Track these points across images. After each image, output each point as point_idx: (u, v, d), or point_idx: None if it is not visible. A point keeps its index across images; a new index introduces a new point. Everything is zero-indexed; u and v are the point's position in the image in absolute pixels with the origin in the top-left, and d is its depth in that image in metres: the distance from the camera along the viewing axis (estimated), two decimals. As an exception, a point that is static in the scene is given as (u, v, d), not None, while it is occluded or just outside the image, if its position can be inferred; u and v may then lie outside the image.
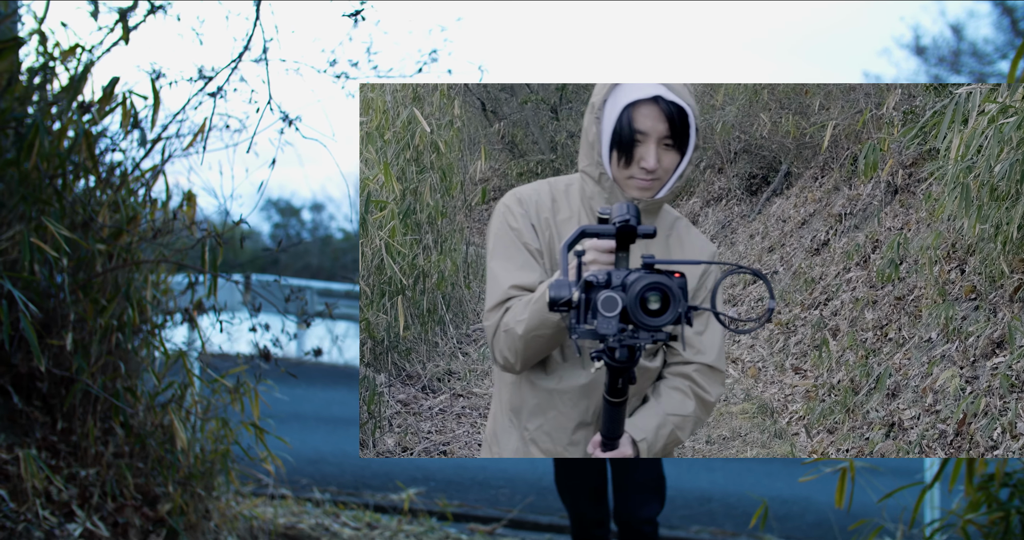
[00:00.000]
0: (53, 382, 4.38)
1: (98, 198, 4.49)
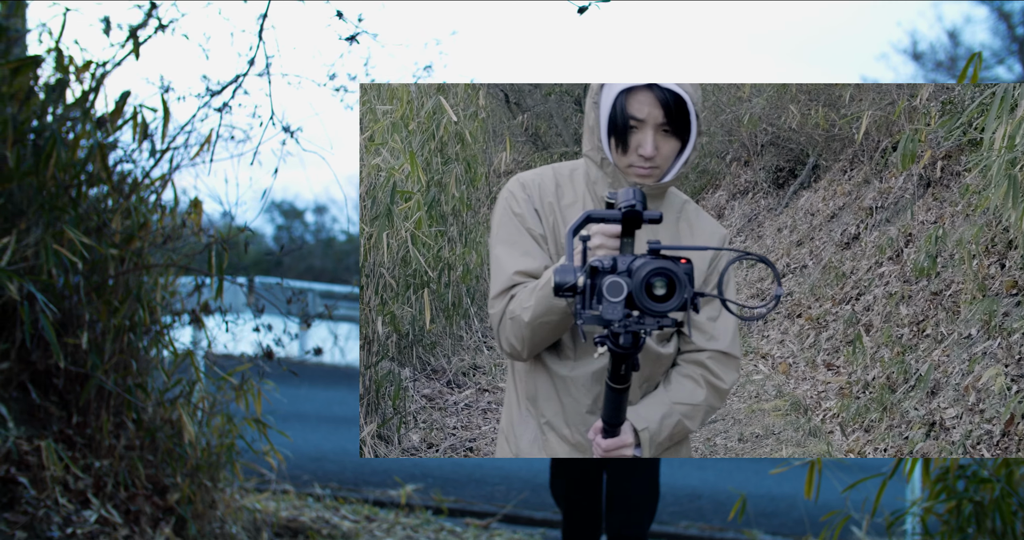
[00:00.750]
0: (68, 379, 4.57)
1: (110, 206, 4.76)
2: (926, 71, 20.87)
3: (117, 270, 4.64)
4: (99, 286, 4.59)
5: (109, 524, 4.24)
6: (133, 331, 4.74)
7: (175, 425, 4.78)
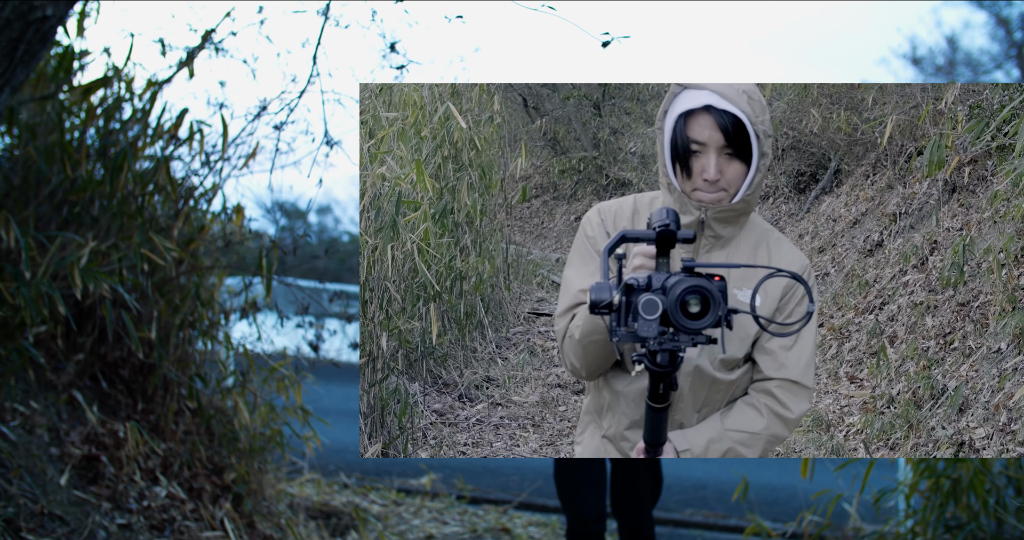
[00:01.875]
0: (133, 370, 5.14)
1: (171, 212, 5.30)
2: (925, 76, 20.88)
3: (177, 271, 5.19)
4: (161, 286, 5.10)
5: (177, 499, 4.73)
6: (193, 327, 5.36)
7: (227, 413, 5.40)
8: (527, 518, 6.99)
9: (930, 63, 22.32)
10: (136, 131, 5.26)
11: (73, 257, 4.41)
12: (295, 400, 5.49)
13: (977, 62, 21.12)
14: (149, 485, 4.66)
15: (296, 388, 5.52)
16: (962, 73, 20.75)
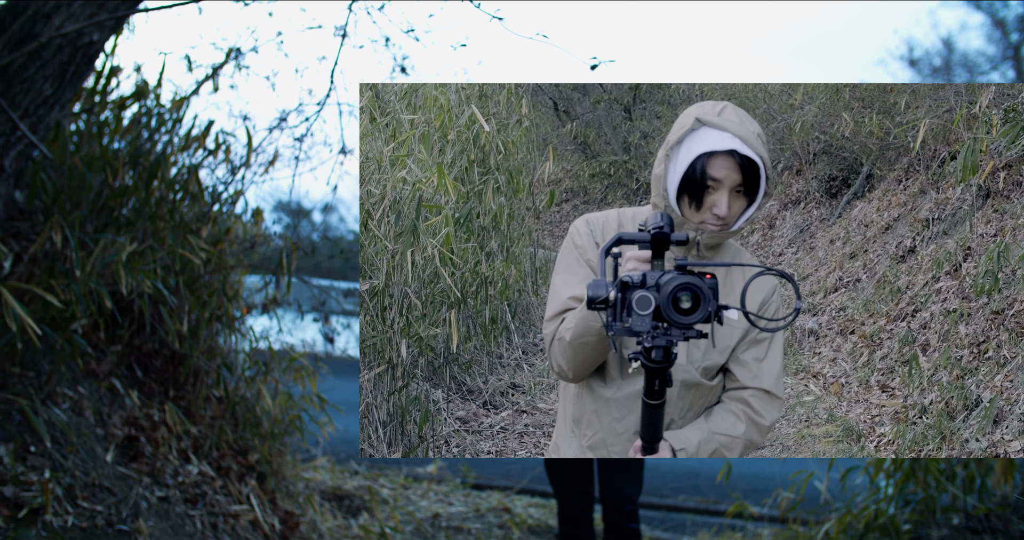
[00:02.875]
0: (164, 360, 5.64)
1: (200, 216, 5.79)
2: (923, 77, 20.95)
3: (205, 270, 5.68)
4: (191, 283, 5.60)
5: (207, 477, 5.24)
6: (219, 321, 5.91)
7: (250, 400, 5.94)
8: (527, 501, 7.63)
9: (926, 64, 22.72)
10: (166, 141, 5.79)
11: (117, 257, 4.82)
12: (311, 389, 6.09)
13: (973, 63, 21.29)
14: (182, 464, 5.19)
15: (312, 378, 6.12)
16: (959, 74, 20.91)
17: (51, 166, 5.03)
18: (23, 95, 4.56)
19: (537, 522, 7.23)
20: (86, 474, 4.43)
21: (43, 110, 4.66)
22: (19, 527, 3.84)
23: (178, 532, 4.71)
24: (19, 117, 4.50)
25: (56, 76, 4.60)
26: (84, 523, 4.18)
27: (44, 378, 4.73)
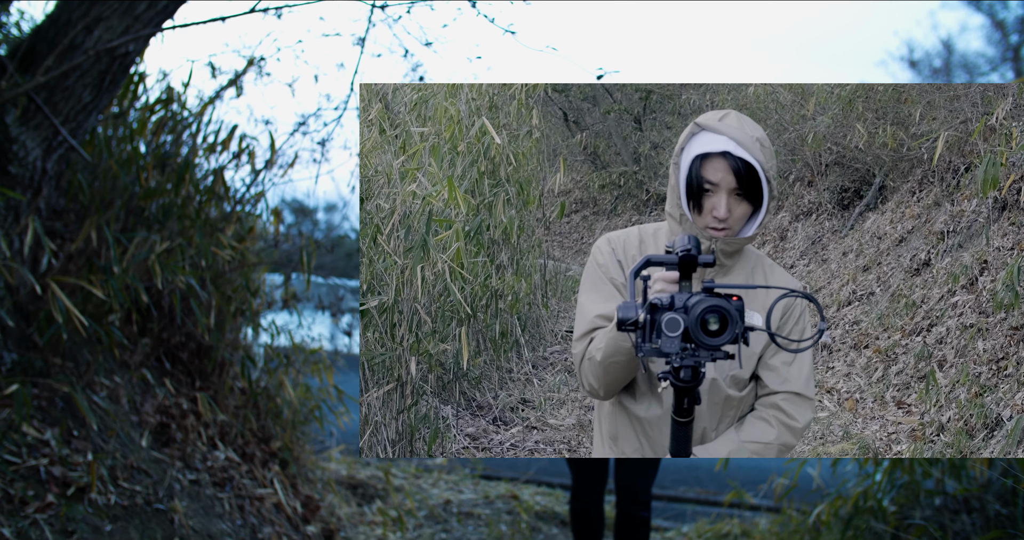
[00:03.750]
0: (190, 352, 5.97)
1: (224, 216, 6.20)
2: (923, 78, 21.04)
3: (228, 267, 6.02)
4: (216, 279, 5.91)
5: (233, 462, 5.61)
6: (243, 315, 6.31)
7: (270, 391, 6.32)
8: (534, 490, 8.03)
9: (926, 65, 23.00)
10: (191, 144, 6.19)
11: (150, 254, 5.24)
12: (327, 382, 6.54)
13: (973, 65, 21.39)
14: (210, 450, 5.57)
15: (329, 371, 6.56)
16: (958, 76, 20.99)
17: (86, 168, 5.38)
18: (64, 102, 4.93)
19: (544, 509, 7.64)
20: (124, 457, 4.81)
21: (82, 116, 5.04)
22: (69, 503, 4.21)
23: (209, 513, 5.08)
24: (60, 123, 4.89)
25: (94, 85, 4.97)
26: (125, 501, 4.54)
27: (83, 368, 5.04)
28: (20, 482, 4.14)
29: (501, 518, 7.40)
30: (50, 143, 4.96)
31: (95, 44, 4.80)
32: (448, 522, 7.18)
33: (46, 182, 5.05)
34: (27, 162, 4.89)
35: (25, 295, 4.87)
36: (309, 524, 5.88)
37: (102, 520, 4.32)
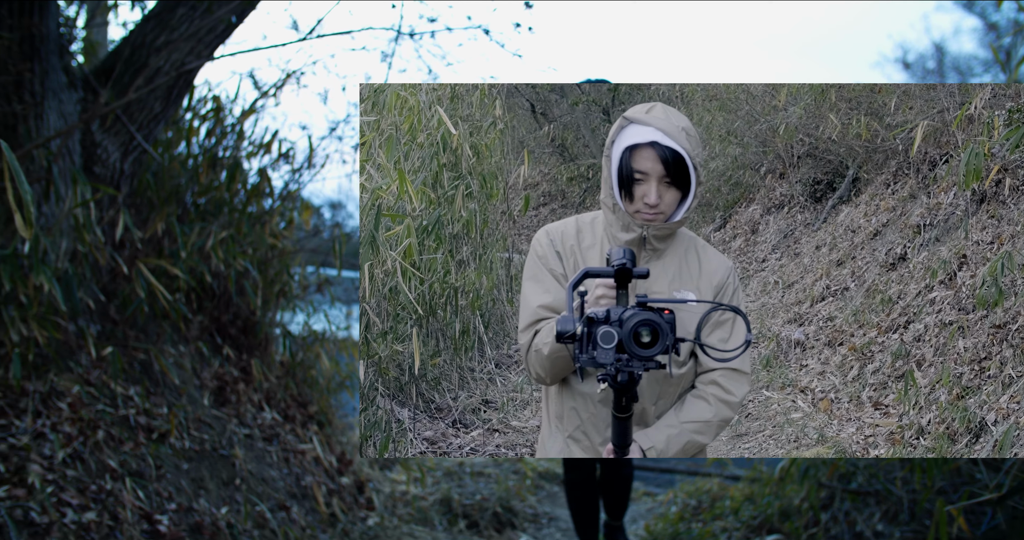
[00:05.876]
0: (237, 329, 6.97)
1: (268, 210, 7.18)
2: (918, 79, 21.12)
3: (271, 254, 7.04)
4: (260, 265, 6.90)
5: (278, 422, 6.58)
6: (284, 297, 7.34)
7: (307, 363, 7.43)
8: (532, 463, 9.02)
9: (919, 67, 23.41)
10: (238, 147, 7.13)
11: (209, 241, 6.18)
12: (354, 358, 7.53)
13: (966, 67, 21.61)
14: (258, 411, 6.51)
15: (355, 348, 7.69)
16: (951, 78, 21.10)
17: (151, 168, 6.20)
18: (139, 112, 5.84)
19: (546, 470, 8.76)
20: (193, 412, 5.76)
21: (153, 124, 5.93)
22: (155, 445, 5.10)
23: (261, 461, 6.02)
24: (135, 130, 5.74)
25: (164, 97, 5.87)
26: (196, 447, 5.47)
27: (154, 338, 5.99)
28: (116, 427, 4.99)
29: (508, 477, 8.36)
30: (127, 147, 5.83)
31: (167, 64, 5.71)
32: (462, 479, 8.12)
33: (124, 180, 5.92)
34: (108, 163, 5.77)
35: (105, 275, 5.77)
36: (343, 476, 6.81)
37: (180, 460, 5.26)
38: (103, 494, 4.47)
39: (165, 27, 5.78)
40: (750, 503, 7.01)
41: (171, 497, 4.94)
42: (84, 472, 4.52)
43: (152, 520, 4.60)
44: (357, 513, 6.60)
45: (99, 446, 4.76)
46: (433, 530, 6.90)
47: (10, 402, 4.65)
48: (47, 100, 5.29)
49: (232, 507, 5.32)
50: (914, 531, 5.43)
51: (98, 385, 5.21)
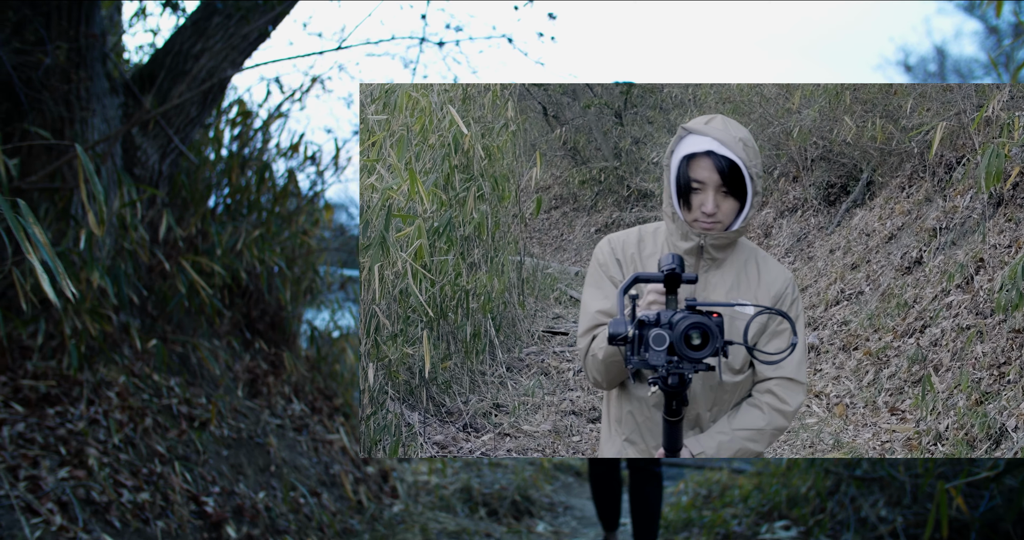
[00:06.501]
0: (265, 324, 7.38)
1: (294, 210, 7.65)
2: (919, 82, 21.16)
3: (297, 253, 7.43)
4: (288, 263, 7.30)
5: (306, 413, 7.06)
6: (310, 293, 7.86)
7: (332, 357, 7.95)
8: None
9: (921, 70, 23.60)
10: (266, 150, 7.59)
11: (242, 239, 6.58)
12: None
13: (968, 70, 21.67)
14: (287, 403, 7.01)
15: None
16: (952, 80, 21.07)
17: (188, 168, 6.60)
18: (176, 117, 6.22)
19: (561, 462, 9.11)
20: (228, 402, 6.17)
21: (189, 128, 6.32)
22: (198, 432, 5.48)
23: (293, 450, 6.42)
24: (173, 133, 6.08)
25: (199, 101, 6.26)
26: (234, 435, 5.90)
27: (190, 333, 6.36)
28: (161, 415, 5.39)
29: (525, 468, 8.79)
30: (164, 149, 6.21)
31: (203, 71, 6.08)
32: (481, 470, 8.58)
33: (162, 181, 6.28)
34: (148, 165, 6.14)
35: (144, 272, 6.13)
36: (368, 465, 7.20)
37: (220, 447, 5.64)
38: (154, 476, 4.86)
39: (202, 35, 6.13)
40: (759, 492, 7.32)
41: (214, 481, 5.33)
42: (136, 456, 4.92)
43: (199, 501, 5.01)
44: (383, 500, 7.01)
45: (148, 432, 5.17)
46: (456, 517, 7.27)
47: (64, 391, 5.04)
48: (92, 105, 5.67)
49: (269, 492, 5.70)
50: (916, 514, 5.58)
51: (142, 376, 5.64)
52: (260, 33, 6.27)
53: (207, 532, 4.92)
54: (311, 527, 5.73)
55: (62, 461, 4.51)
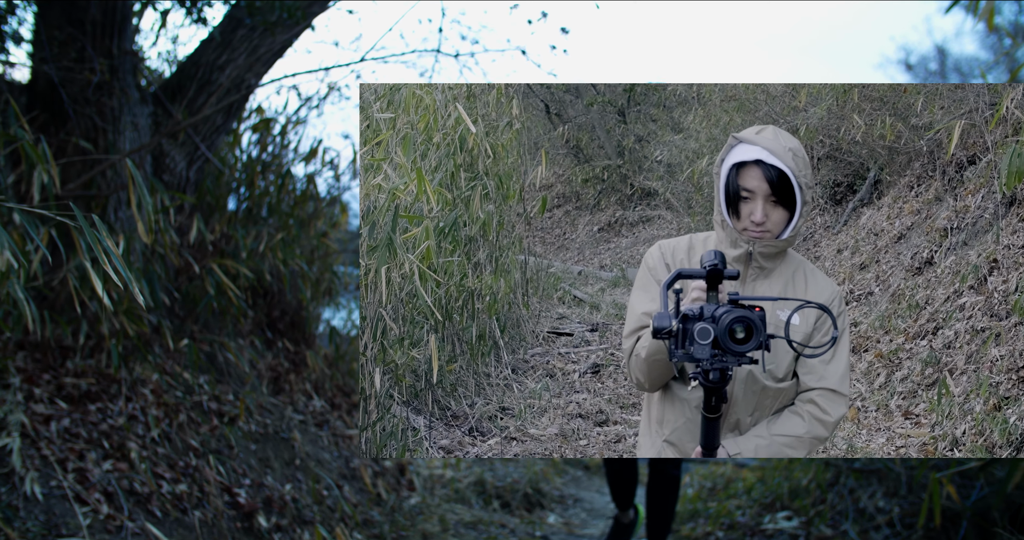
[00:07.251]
0: (286, 324, 7.72)
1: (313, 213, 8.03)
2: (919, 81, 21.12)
3: (316, 255, 7.78)
4: (308, 264, 7.57)
5: (327, 409, 7.40)
6: (328, 294, 8.27)
7: (346, 357, 8.24)
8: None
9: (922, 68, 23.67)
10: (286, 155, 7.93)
11: (265, 242, 6.91)
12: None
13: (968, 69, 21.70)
14: (308, 399, 7.35)
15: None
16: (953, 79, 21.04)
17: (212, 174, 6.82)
18: (202, 125, 6.47)
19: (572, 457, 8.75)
20: (255, 399, 6.51)
21: (215, 135, 6.60)
22: (229, 427, 5.81)
23: (315, 445, 6.69)
24: (199, 140, 6.29)
25: (224, 110, 6.52)
26: (261, 430, 6.20)
27: (215, 332, 6.63)
28: (193, 411, 5.68)
29: (536, 463, 8.85)
30: (191, 157, 6.45)
31: (228, 81, 6.34)
32: (494, 464, 8.65)
33: (189, 187, 6.51)
34: (176, 172, 6.39)
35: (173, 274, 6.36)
36: (385, 460, 7.30)
37: (248, 442, 5.93)
38: (190, 469, 5.13)
39: (227, 47, 6.39)
40: (762, 484, 7.47)
41: (245, 473, 5.60)
42: (172, 450, 5.21)
43: (232, 493, 5.27)
44: (401, 493, 7.22)
45: (182, 427, 5.46)
46: (471, 508, 7.54)
47: (103, 388, 5.32)
48: (124, 115, 5.94)
49: (295, 484, 5.94)
50: (911, 503, 5.73)
51: (173, 374, 5.93)
52: (283, 44, 6.57)
53: (240, 521, 5.15)
54: (335, 518, 5.92)
55: (106, 454, 4.79)
